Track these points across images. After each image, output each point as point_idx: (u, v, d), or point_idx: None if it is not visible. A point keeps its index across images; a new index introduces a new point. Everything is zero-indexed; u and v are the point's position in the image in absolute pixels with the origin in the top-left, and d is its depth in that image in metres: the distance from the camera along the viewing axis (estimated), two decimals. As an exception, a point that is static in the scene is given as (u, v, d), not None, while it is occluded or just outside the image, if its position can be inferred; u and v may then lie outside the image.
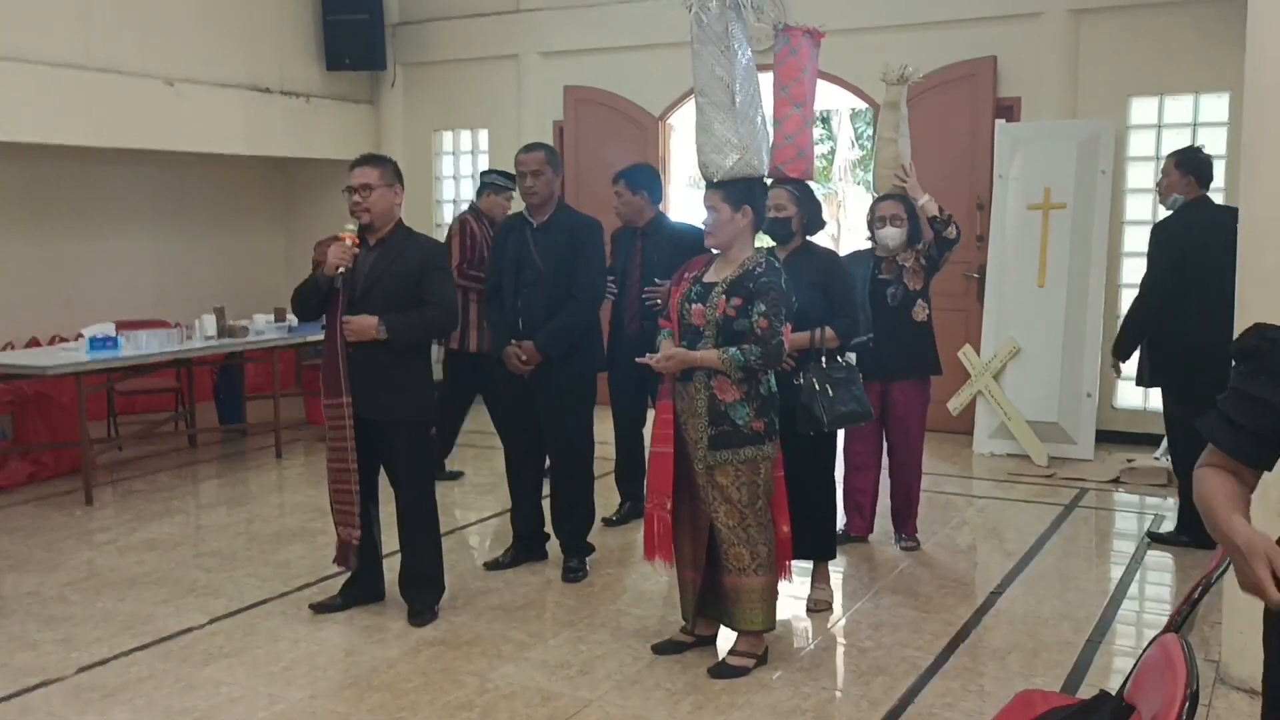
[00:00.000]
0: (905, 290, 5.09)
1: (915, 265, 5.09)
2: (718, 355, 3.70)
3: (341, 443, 4.29)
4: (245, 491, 6.73)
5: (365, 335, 4.17)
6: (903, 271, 5.08)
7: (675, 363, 3.77)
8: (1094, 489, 6.44)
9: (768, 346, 3.70)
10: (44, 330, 7.93)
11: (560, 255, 4.75)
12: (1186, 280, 5.03)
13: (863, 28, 7.72)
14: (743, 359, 3.68)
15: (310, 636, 4.26)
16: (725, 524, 3.81)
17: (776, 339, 3.71)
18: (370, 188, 4.24)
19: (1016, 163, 7.41)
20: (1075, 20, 7.44)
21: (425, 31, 9.59)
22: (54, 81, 7.35)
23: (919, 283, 5.11)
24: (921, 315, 5.13)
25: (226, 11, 8.64)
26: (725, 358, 3.69)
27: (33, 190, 8.11)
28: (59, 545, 5.48)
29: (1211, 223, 5.01)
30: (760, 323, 3.69)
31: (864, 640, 4.21)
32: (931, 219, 5.09)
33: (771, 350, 3.71)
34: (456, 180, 9.88)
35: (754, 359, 3.69)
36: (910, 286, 5.09)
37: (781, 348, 3.75)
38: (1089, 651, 4.09)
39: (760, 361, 3.70)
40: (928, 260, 5.09)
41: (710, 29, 3.80)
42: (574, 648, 4.14)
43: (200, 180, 9.30)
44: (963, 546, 5.47)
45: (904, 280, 5.08)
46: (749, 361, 3.69)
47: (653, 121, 8.80)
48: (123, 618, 4.46)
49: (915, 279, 5.10)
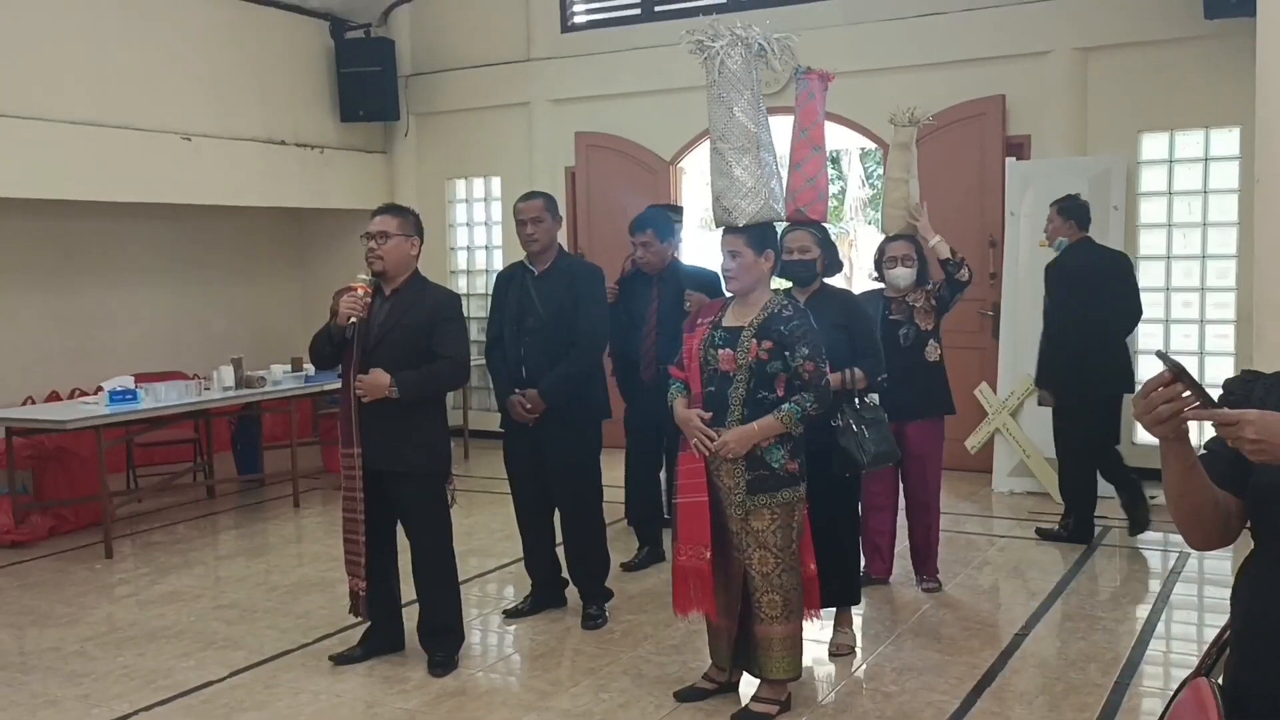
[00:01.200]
0: (917, 330, 5.10)
1: (926, 305, 5.10)
2: (775, 419, 3.67)
3: (352, 493, 4.29)
4: (264, 542, 6.73)
5: (377, 394, 4.18)
6: (913, 311, 5.09)
7: (739, 445, 3.69)
8: (1116, 526, 6.38)
9: (819, 390, 3.70)
10: (64, 383, 7.99)
11: (562, 302, 4.77)
12: (1080, 308, 5.80)
13: (872, 69, 7.78)
14: (800, 410, 3.67)
15: (331, 688, 4.24)
16: (759, 571, 3.77)
17: (824, 379, 3.72)
18: (386, 235, 4.27)
19: (1028, 200, 7.41)
20: (1083, 58, 7.49)
21: (437, 81, 9.70)
22: (72, 139, 7.46)
23: (930, 322, 5.12)
24: (934, 355, 5.13)
25: (241, 65, 8.76)
26: (784, 417, 3.67)
27: (53, 246, 8.20)
28: (80, 600, 5.49)
29: (1097, 258, 5.93)
30: (806, 366, 3.69)
31: (888, 685, 4.16)
32: (944, 261, 5.11)
33: (823, 392, 3.71)
34: (470, 227, 9.95)
35: (810, 406, 3.68)
36: (921, 326, 5.10)
37: (829, 388, 3.76)
38: (1117, 694, 4.04)
39: (815, 407, 3.69)
40: (938, 300, 5.10)
41: (735, 74, 3.81)
42: (596, 696, 4.11)
43: (216, 232, 9.39)
44: (985, 587, 5.42)
45: (915, 320, 5.09)
46: (806, 411, 3.67)
47: (663, 165, 8.87)
48: (144, 672, 4.45)
49: (926, 319, 5.11)
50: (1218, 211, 7.26)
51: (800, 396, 3.68)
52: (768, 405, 3.72)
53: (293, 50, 9.20)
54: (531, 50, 9.35)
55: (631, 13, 9.08)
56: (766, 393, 3.73)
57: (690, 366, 3.87)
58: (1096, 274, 5.83)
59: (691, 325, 3.95)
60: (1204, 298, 7.32)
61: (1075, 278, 5.84)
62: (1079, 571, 5.55)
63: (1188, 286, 7.37)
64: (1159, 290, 7.43)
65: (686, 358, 3.89)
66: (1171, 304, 7.41)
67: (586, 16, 9.32)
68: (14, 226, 7.77)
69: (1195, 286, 7.35)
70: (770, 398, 3.72)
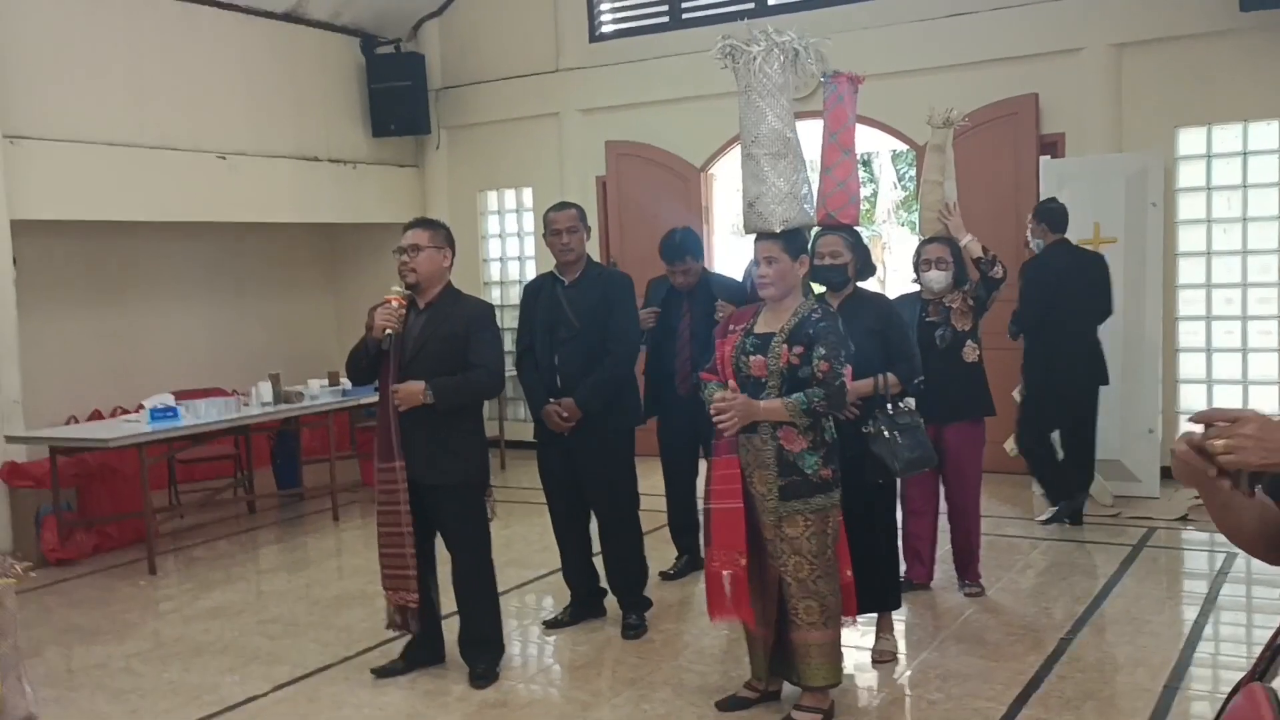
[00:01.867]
0: (954, 331, 5.05)
1: (963, 306, 5.06)
2: (781, 403, 3.66)
3: (394, 507, 4.30)
4: (304, 556, 6.77)
5: (413, 401, 4.20)
6: (950, 313, 5.05)
7: (740, 413, 3.68)
8: (1162, 527, 6.29)
9: (830, 389, 3.67)
10: (105, 402, 8.09)
11: (594, 311, 4.80)
12: (1053, 304, 6.16)
13: (903, 70, 7.74)
14: (806, 402, 3.64)
15: (373, 701, 4.26)
16: (795, 577, 3.75)
17: (839, 381, 3.69)
18: (419, 248, 4.29)
19: (1063, 199, 7.31)
20: (1117, 54, 7.41)
21: (467, 94, 9.76)
22: (111, 160, 7.56)
23: (967, 323, 5.07)
24: (972, 356, 5.08)
25: (275, 84, 8.85)
26: (789, 403, 3.65)
27: (92, 266, 8.31)
28: (125, 616, 5.55)
29: (1071, 260, 6.32)
30: (821, 365, 3.66)
31: (933, 692, 4.12)
32: (976, 260, 5.07)
33: (834, 392, 3.68)
34: (502, 239, 9.99)
35: (817, 401, 3.65)
36: (959, 327, 5.06)
37: (844, 390, 3.72)
38: (1166, 698, 3.98)
39: (823, 404, 3.66)
40: (975, 301, 5.06)
41: (770, 80, 3.80)
42: (637, 707, 4.09)
43: (252, 249, 9.49)
44: (1028, 590, 5.36)
45: (951, 322, 5.05)
46: (812, 404, 3.65)
47: (694, 173, 8.86)
48: (189, 688, 4.49)
49: (963, 320, 5.06)
50: (1258, 206, 7.15)
51: (810, 390, 3.66)
52: None
53: (325, 67, 9.29)
54: (560, 61, 9.38)
55: (659, 20, 9.09)
56: None
57: (723, 374, 3.85)
58: (1068, 274, 6.23)
59: (723, 332, 3.94)
60: (1245, 293, 7.21)
61: (1047, 276, 6.21)
62: (1124, 574, 5.47)
63: (1228, 282, 7.27)
64: (1199, 287, 7.34)
65: (719, 364, 3.88)
66: (1213, 300, 7.31)
67: (615, 25, 9.34)
68: (55, 247, 7.88)
69: (1236, 282, 7.24)
70: None
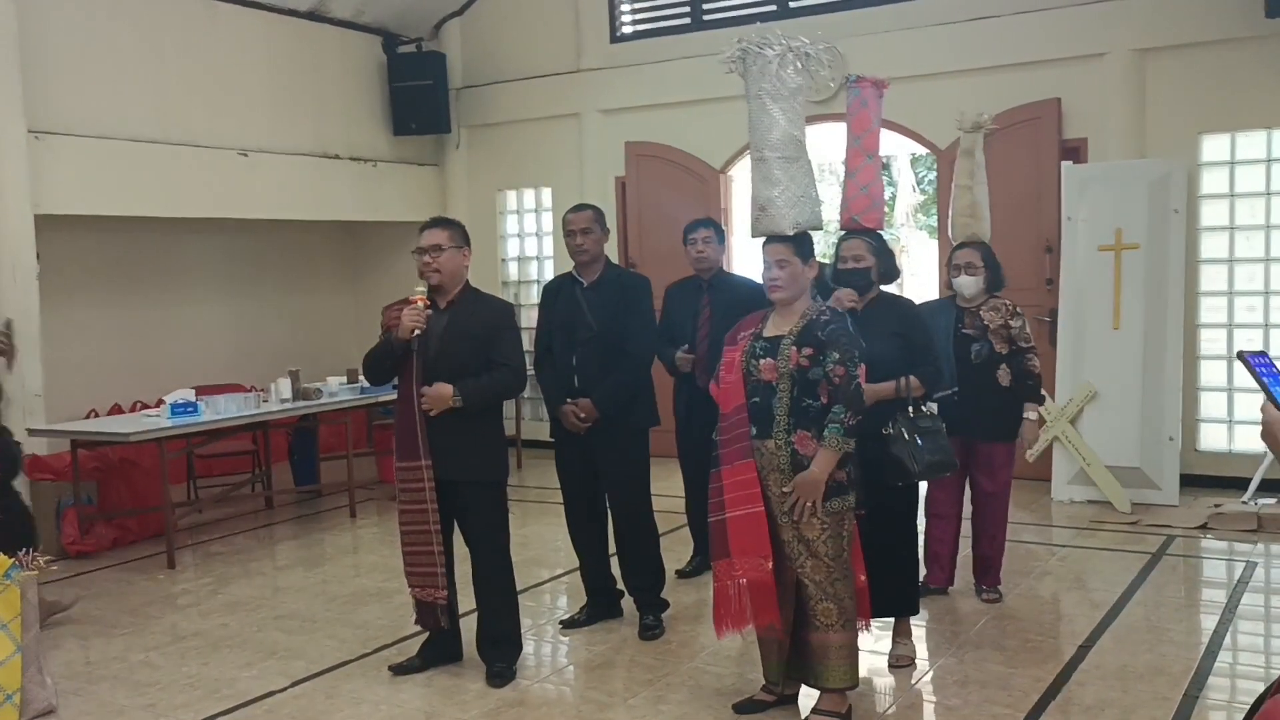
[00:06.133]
0: (990, 349, 4.98)
1: (1001, 331, 4.98)
2: (826, 450, 3.63)
3: (419, 505, 4.31)
4: (321, 553, 6.80)
5: (443, 405, 4.21)
6: (987, 331, 4.99)
7: (811, 494, 3.65)
8: (1181, 536, 6.25)
9: (849, 395, 3.66)
10: (126, 396, 8.13)
11: (612, 312, 4.82)
12: None
13: (924, 74, 7.72)
14: (840, 428, 3.63)
15: (390, 698, 4.27)
16: (812, 579, 3.75)
17: (854, 384, 3.68)
18: (440, 248, 4.30)
19: (1085, 204, 7.32)
20: (1141, 59, 7.37)
21: (488, 94, 9.78)
22: (134, 156, 7.61)
23: (1004, 348, 4.98)
24: (1005, 380, 4.99)
25: (296, 82, 8.89)
26: (830, 442, 3.63)
27: (114, 261, 8.36)
28: (144, 610, 5.58)
29: None
30: (836, 371, 3.66)
31: (951, 698, 4.11)
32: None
33: (853, 397, 3.67)
34: (521, 238, 10.00)
35: (846, 418, 3.64)
36: (996, 347, 4.98)
37: (860, 391, 3.71)
38: (1186, 707, 3.96)
39: (852, 417, 3.66)
40: (1009, 333, 4.99)
41: (784, 84, 3.81)
42: (654, 708, 4.09)
43: (272, 246, 9.53)
44: (1047, 598, 5.34)
45: (989, 339, 4.99)
46: (845, 424, 3.64)
47: (714, 174, 8.86)
48: (208, 682, 4.51)
49: (1001, 343, 4.99)
50: (1282, 213, 7.12)
51: (833, 414, 3.64)
52: (813, 413, 3.69)
53: (346, 66, 9.32)
54: (581, 61, 9.39)
55: (680, 22, 9.09)
56: (811, 400, 3.70)
57: (732, 379, 3.84)
58: None
59: (734, 338, 3.93)
60: (1268, 301, 7.16)
61: None
62: (1142, 582, 5.44)
63: (1251, 290, 7.22)
64: (1221, 294, 7.29)
65: (726, 370, 3.86)
66: (1235, 308, 7.27)
67: (635, 26, 9.34)
68: (78, 242, 7.94)
69: (1259, 290, 7.19)
70: (815, 405, 3.69)
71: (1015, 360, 5.00)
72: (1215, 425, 7.38)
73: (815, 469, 3.65)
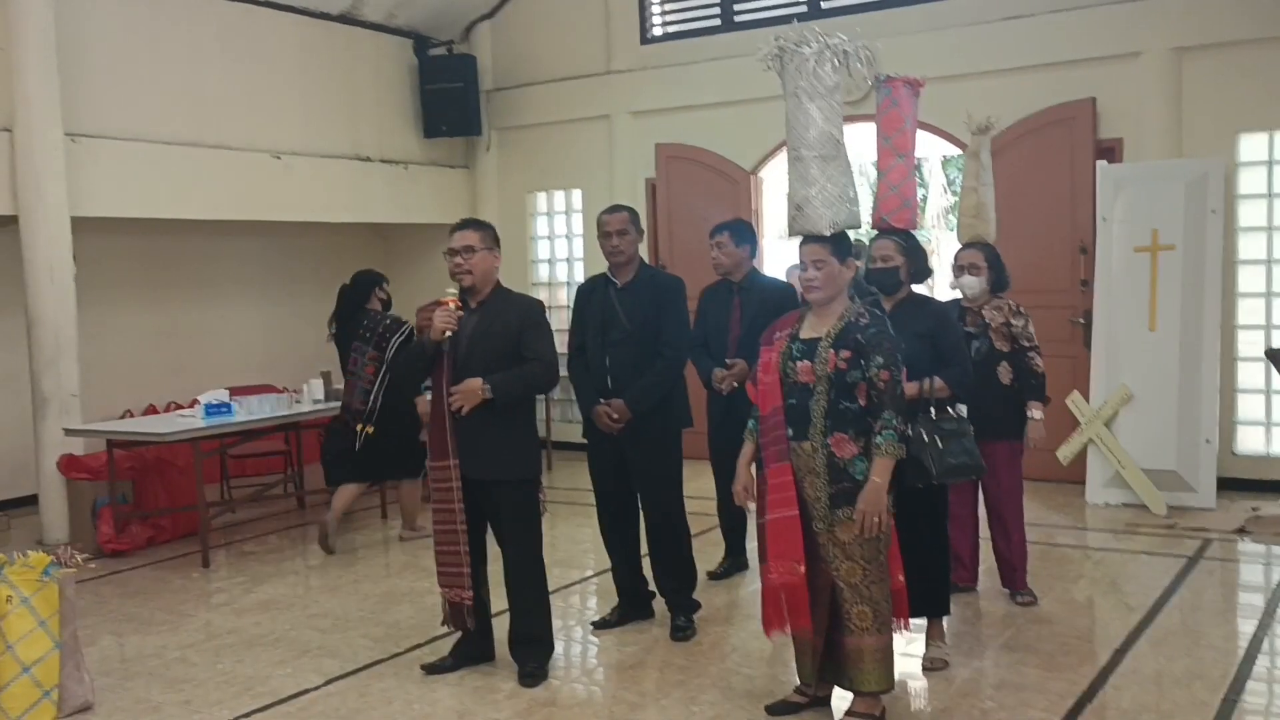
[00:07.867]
0: (990, 346, 4.96)
1: (1002, 329, 4.97)
2: (882, 459, 3.61)
3: (449, 504, 4.33)
4: (353, 552, 6.83)
5: (473, 399, 4.22)
6: (988, 328, 4.97)
7: (874, 506, 3.62)
8: (1218, 539, 6.18)
9: (895, 400, 3.64)
10: (160, 397, 8.21)
11: (647, 313, 4.82)
12: None
13: (957, 74, 7.66)
14: (894, 434, 3.60)
15: (423, 697, 4.29)
16: (848, 582, 3.73)
17: (900, 388, 3.66)
18: (472, 249, 4.32)
19: (1120, 205, 7.25)
20: (1177, 58, 7.29)
21: (519, 96, 9.81)
22: (169, 159, 7.69)
23: (1005, 346, 4.98)
24: (1006, 378, 4.97)
25: (329, 86, 8.95)
26: (886, 448, 3.60)
27: (150, 263, 8.46)
28: (179, 607, 5.63)
29: None
30: (882, 375, 3.63)
31: (985, 701, 4.08)
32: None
33: (899, 402, 3.65)
34: (551, 240, 10.02)
35: (897, 423, 3.62)
36: (996, 344, 4.97)
37: (904, 397, 3.70)
38: (1225, 712, 3.90)
39: (901, 421, 3.63)
40: (1010, 331, 4.97)
41: (822, 82, 3.78)
42: (685, 709, 4.09)
43: (305, 248, 9.60)
44: (1082, 601, 5.28)
45: (990, 335, 4.97)
46: (897, 430, 3.61)
47: (744, 176, 8.84)
48: (242, 679, 4.55)
49: (1002, 341, 4.98)
50: (1321, 214, 7.03)
51: (884, 420, 3.61)
52: (850, 416, 3.67)
53: (378, 69, 9.38)
54: (611, 63, 9.41)
55: (711, 24, 9.08)
56: (848, 403, 3.67)
57: (769, 380, 3.82)
58: None
59: (770, 338, 3.91)
60: (1307, 302, 7.08)
61: None
62: (1179, 586, 5.38)
63: (1290, 291, 7.14)
64: (1259, 296, 7.20)
65: (763, 371, 3.85)
66: (1272, 309, 7.17)
67: (666, 28, 9.34)
68: (114, 244, 8.03)
69: (1298, 291, 7.11)
70: (853, 408, 3.67)
71: (1018, 358, 4.99)
72: (1252, 428, 7.29)
73: (876, 478, 3.62)
